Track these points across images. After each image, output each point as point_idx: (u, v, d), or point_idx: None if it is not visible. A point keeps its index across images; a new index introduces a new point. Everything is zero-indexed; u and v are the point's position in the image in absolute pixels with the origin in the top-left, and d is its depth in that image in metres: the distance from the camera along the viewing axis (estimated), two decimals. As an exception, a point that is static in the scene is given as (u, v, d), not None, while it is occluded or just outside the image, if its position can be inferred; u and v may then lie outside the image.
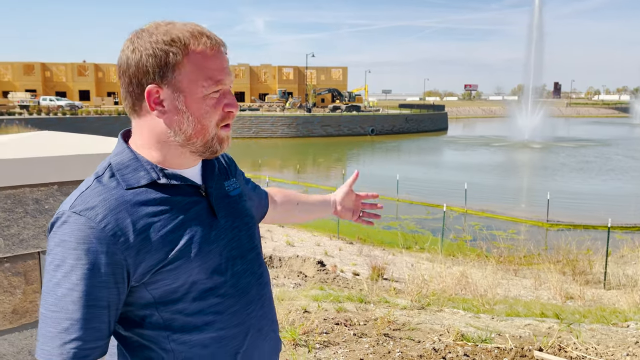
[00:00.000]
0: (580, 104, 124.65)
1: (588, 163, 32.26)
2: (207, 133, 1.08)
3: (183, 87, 1.05)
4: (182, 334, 1.08)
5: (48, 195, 1.61)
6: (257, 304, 1.20)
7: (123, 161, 1.09)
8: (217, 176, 1.21)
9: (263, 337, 1.21)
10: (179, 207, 1.08)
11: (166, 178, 1.09)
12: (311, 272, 8.41)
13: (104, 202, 1.02)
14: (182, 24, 1.09)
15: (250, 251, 1.21)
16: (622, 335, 4.60)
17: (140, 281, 1.04)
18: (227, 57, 1.11)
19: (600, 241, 12.52)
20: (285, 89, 71.55)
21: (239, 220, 1.20)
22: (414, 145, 44.81)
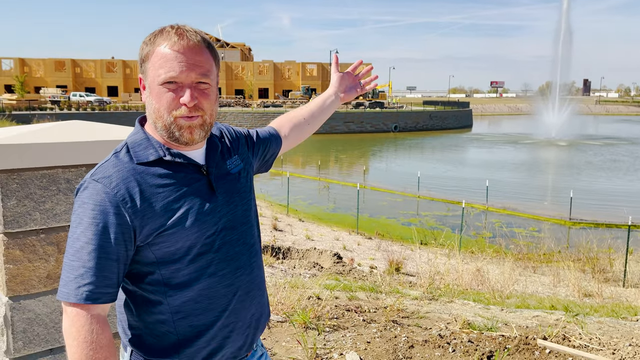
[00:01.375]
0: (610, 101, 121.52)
1: (615, 162, 31.59)
2: (163, 118, 1.27)
3: (149, 76, 1.29)
4: (178, 290, 1.29)
5: (78, 176, 1.83)
6: (246, 270, 1.40)
7: (136, 140, 1.32)
8: (219, 156, 1.41)
9: (250, 299, 1.41)
10: (181, 182, 1.30)
11: (171, 156, 1.30)
12: (327, 264, 8.59)
13: (118, 172, 1.25)
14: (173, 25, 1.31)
15: (244, 224, 1.41)
16: (629, 328, 4.66)
17: (144, 242, 1.25)
18: (199, 57, 1.27)
19: (622, 240, 12.37)
20: (308, 85, 71.72)
21: (236, 196, 1.40)
22: (437, 142, 44.52)
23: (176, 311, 1.30)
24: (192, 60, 1.26)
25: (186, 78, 1.26)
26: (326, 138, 48.05)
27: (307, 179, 24.21)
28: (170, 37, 1.26)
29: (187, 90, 1.26)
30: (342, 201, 20.11)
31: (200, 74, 1.27)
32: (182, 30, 1.28)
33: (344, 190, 22.80)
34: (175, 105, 1.26)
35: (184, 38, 1.26)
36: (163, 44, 1.26)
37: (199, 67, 1.27)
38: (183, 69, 1.25)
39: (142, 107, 51.51)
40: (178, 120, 1.28)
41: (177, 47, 1.25)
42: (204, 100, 1.29)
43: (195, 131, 1.30)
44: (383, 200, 20.36)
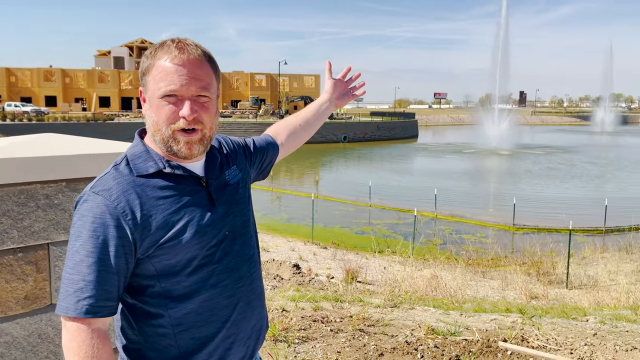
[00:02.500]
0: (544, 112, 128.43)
1: (552, 169, 33.34)
2: (161, 131, 1.27)
3: (149, 89, 1.29)
4: (179, 303, 1.28)
5: (57, 191, 1.75)
6: (247, 280, 1.40)
7: (136, 153, 1.31)
8: (218, 168, 1.41)
9: (251, 309, 1.41)
10: (181, 194, 1.29)
11: (171, 168, 1.30)
12: (287, 275, 8.56)
13: (118, 185, 1.24)
14: (174, 38, 1.32)
15: (243, 235, 1.41)
16: (581, 328, 4.92)
17: (145, 254, 1.24)
18: (197, 70, 1.27)
19: (563, 243, 13.05)
20: (257, 95, 71.52)
21: (235, 207, 1.40)
22: (386, 152, 45.43)
23: (177, 324, 1.28)
24: (193, 73, 1.26)
25: (186, 91, 1.25)
26: (276, 148, 47.91)
27: (259, 189, 24.04)
28: (170, 50, 1.26)
29: (186, 103, 1.25)
30: (295, 211, 20.11)
31: (200, 87, 1.27)
32: (182, 44, 1.28)
33: (297, 200, 22.82)
34: (175, 118, 1.26)
35: (184, 52, 1.26)
36: (163, 57, 1.26)
37: (199, 81, 1.27)
38: (183, 82, 1.25)
39: (84, 118, 49.62)
40: (176, 135, 1.27)
41: (177, 61, 1.25)
42: (204, 113, 1.29)
43: (194, 146, 1.29)
44: (336, 210, 20.52)
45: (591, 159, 39.95)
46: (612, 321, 5.23)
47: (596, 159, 40.03)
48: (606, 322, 5.13)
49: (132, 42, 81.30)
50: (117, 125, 48.88)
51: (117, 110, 68.40)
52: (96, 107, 67.28)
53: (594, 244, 14.73)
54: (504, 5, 59.16)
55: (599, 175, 31.30)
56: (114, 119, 52.15)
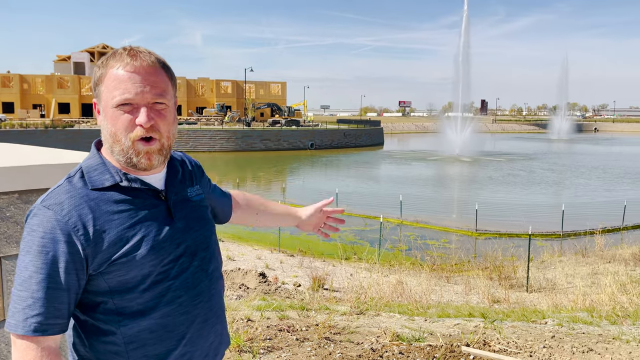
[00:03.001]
0: (505, 120, 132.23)
1: (513, 176, 34.30)
2: (121, 142, 1.24)
3: (103, 99, 1.26)
4: (132, 320, 1.24)
5: (9, 203, 1.69)
6: (206, 297, 1.36)
7: (92, 165, 1.27)
8: (179, 182, 1.39)
9: (209, 327, 1.37)
10: (138, 208, 1.26)
11: (128, 181, 1.26)
12: (253, 284, 8.48)
13: (70, 198, 1.20)
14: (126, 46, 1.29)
15: (204, 251, 1.38)
16: (540, 330, 5.06)
17: (97, 270, 1.20)
18: (154, 77, 1.25)
19: (523, 248, 13.42)
20: (223, 102, 70.95)
21: (195, 223, 1.37)
22: (352, 160, 45.77)
23: (130, 341, 1.24)
24: (147, 80, 1.23)
25: (142, 99, 1.22)
26: (243, 156, 47.68)
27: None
28: (122, 58, 1.24)
29: (142, 111, 1.22)
30: (261, 219, 19.99)
31: (156, 94, 1.24)
32: (135, 52, 1.25)
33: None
34: (132, 127, 1.23)
35: (137, 59, 1.24)
36: (116, 65, 1.24)
37: (154, 88, 1.24)
38: (138, 90, 1.22)
39: (42, 125, 48.09)
40: (136, 145, 1.24)
41: (130, 68, 1.22)
42: (161, 121, 1.26)
43: (154, 157, 1.26)
44: (302, 217, 20.50)
45: (549, 165, 41.31)
46: (569, 323, 5.41)
47: (554, 165, 41.41)
48: (564, 325, 5.30)
49: (93, 48, 79.45)
50: (78, 132, 47.55)
51: (78, 116, 66.58)
52: (55, 114, 65.31)
53: (552, 248, 15.20)
54: (465, 16, 60.78)
55: (557, 181, 32.39)
56: (74, 126, 50.71)
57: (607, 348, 4.44)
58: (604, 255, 13.41)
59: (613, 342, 4.65)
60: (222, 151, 49.63)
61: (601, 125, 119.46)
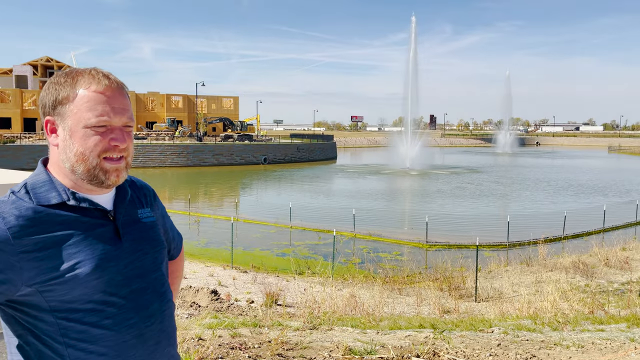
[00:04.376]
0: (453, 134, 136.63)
1: (461, 189, 35.40)
2: (87, 161, 1.25)
3: (70, 118, 1.26)
4: (79, 342, 1.22)
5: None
6: (158, 319, 1.35)
7: (38, 181, 1.27)
8: (128, 203, 1.39)
9: (161, 349, 1.36)
10: (84, 227, 1.25)
11: (76, 201, 1.26)
12: (205, 302, 8.32)
13: (15, 209, 1.19)
14: (89, 68, 1.31)
15: (154, 272, 1.38)
16: (487, 339, 5.24)
17: (31, 285, 1.17)
18: (124, 99, 1.30)
19: (472, 259, 13.85)
20: (174, 117, 69.69)
21: (145, 244, 1.37)
22: (306, 174, 45.93)
23: None
24: (122, 103, 1.28)
25: (118, 121, 1.27)
26: (195, 171, 46.89)
27: (176, 213, 23.26)
28: (97, 80, 1.26)
29: (119, 133, 1.27)
30: (214, 235, 19.67)
31: (129, 117, 1.30)
32: (105, 74, 1.29)
33: (216, 223, 22.36)
34: (104, 147, 1.25)
35: (112, 82, 1.28)
36: (88, 86, 1.25)
37: (127, 111, 1.29)
38: (116, 113, 1.26)
39: (-21, 140, 45.61)
40: (103, 164, 1.26)
41: (108, 91, 1.26)
42: (130, 142, 1.31)
43: (122, 173, 1.30)
44: (256, 232, 20.35)
45: (496, 178, 42.92)
46: (514, 331, 5.63)
47: (500, 178, 43.06)
48: (509, 332, 5.51)
49: (36, 60, 76.37)
50: (19, 148, 45.40)
51: (19, 131, 63.59)
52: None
53: (498, 258, 15.77)
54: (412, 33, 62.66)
55: (503, 193, 33.67)
56: (16, 142, 48.39)
57: (548, 354, 4.65)
58: (547, 264, 14.03)
59: (554, 347, 4.88)
60: (173, 166, 48.65)
61: (542, 139, 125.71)
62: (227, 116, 72.68)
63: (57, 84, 1.28)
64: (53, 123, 1.29)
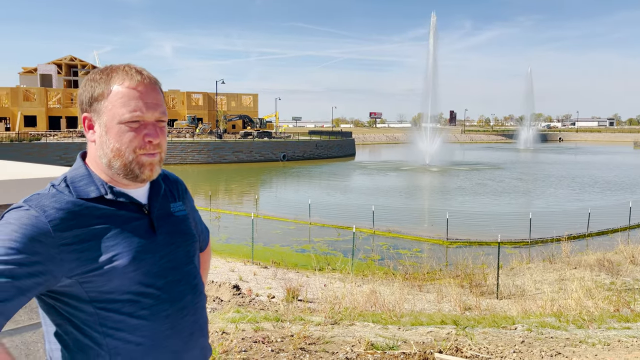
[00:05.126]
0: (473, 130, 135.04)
1: (482, 185, 35.01)
2: (123, 156, 1.28)
3: (105, 114, 1.28)
4: (117, 331, 1.25)
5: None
6: (191, 310, 1.38)
7: (77, 175, 1.30)
8: (162, 197, 1.42)
9: (194, 340, 1.38)
10: (120, 220, 1.28)
11: (113, 195, 1.29)
12: (227, 297, 8.41)
13: (55, 202, 1.21)
14: (123, 64, 1.34)
15: (187, 264, 1.40)
16: (510, 336, 5.19)
17: (73, 278, 1.20)
18: (157, 95, 1.32)
19: (493, 256, 13.69)
20: (194, 115, 70.36)
21: (178, 237, 1.40)
22: (324, 171, 45.95)
23: (116, 353, 1.25)
24: (154, 99, 1.31)
25: (151, 116, 1.29)
26: (215, 168, 47.30)
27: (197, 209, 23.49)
28: (130, 76, 1.29)
29: (152, 128, 1.29)
30: (235, 231, 19.83)
31: (161, 112, 1.32)
32: (139, 70, 1.32)
33: (237, 220, 22.53)
34: (139, 143, 1.28)
35: (144, 77, 1.30)
36: (122, 83, 1.28)
37: (160, 106, 1.32)
38: (149, 108, 1.28)
39: (7, 139, 46.70)
40: (140, 158, 1.29)
41: (140, 87, 1.28)
42: (163, 137, 1.33)
43: (155, 168, 1.32)
44: (276, 229, 20.45)
45: (518, 174, 42.34)
46: (538, 328, 5.56)
47: (522, 174, 42.46)
48: (533, 330, 5.45)
49: (60, 60, 77.83)
50: (45, 145, 46.34)
51: (45, 129, 64.90)
52: (21, 127, 63.55)
53: (520, 256, 15.55)
54: (432, 29, 62.07)
55: (525, 190, 33.19)
56: (41, 139, 49.42)
57: (574, 351, 4.59)
58: (571, 261, 13.80)
59: (580, 345, 4.81)
60: (194, 163, 49.14)
61: (565, 135, 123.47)
62: (246, 113, 73.11)
63: (92, 80, 1.31)
64: (90, 119, 1.32)
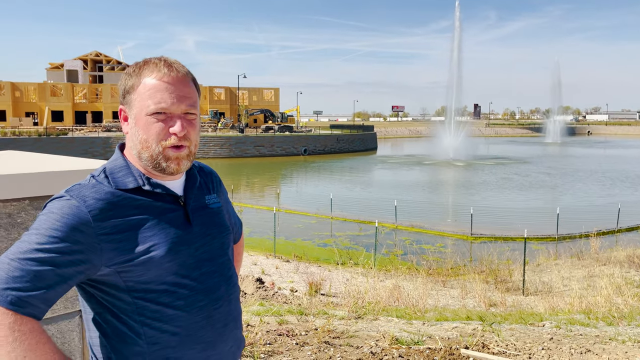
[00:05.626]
0: (498, 124, 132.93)
1: (507, 180, 34.49)
2: (150, 149, 1.29)
3: (135, 106, 1.30)
4: (154, 321, 1.27)
5: (20, 210, 1.71)
6: (225, 302, 1.38)
7: (116, 166, 1.32)
8: (197, 189, 1.42)
9: (228, 332, 1.39)
10: (157, 211, 1.30)
11: (150, 186, 1.31)
12: (250, 290, 8.48)
13: (95, 193, 1.23)
14: (158, 57, 1.35)
15: (221, 256, 1.41)
16: (538, 333, 5.10)
17: (112, 267, 1.22)
18: (185, 87, 1.32)
19: (519, 251, 13.49)
20: (216, 109, 70.93)
21: (213, 228, 1.41)
22: (346, 165, 45.87)
23: (153, 342, 1.27)
24: (182, 91, 1.30)
25: (177, 109, 1.29)
26: (237, 162, 47.66)
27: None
28: (159, 68, 1.29)
29: (177, 121, 1.29)
30: (257, 225, 19.98)
31: (189, 105, 1.31)
32: (169, 62, 1.32)
33: (259, 214, 22.68)
34: (165, 135, 1.28)
35: (172, 70, 1.30)
36: (151, 75, 1.29)
37: (187, 98, 1.31)
38: (174, 100, 1.28)
39: (35, 133, 47.90)
40: (166, 151, 1.29)
41: (167, 79, 1.29)
42: (192, 130, 1.32)
43: (183, 162, 1.32)
44: (298, 223, 20.53)
45: (545, 169, 41.56)
46: (567, 325, 5.45)
47: (550, 169, 41.66)
48: (561, 327, 5.35)
49: (86, 55, 79.28)
50: (71, 140, 47.36)
51: (71, 124, 66.30)
52: (48, 122, 65.02)
53: (547, 252, 15.30)
54: (456, 21, 61.22)
55: (552, 185, 32.57)
56: (68, 134, 50.50)
57: (604, 349, 4.49)
58: (600, 257, 13.51)
59: (610, 342, 4.70)
60: (216, 158, 49.62)
61: (594, 128, 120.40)
62: (267, 108, 73.37)
63: (127, 73, 1.33)
64: (125, 111, 1.34)
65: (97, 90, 72.47)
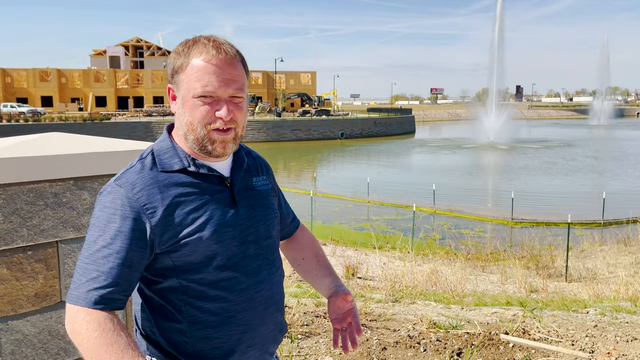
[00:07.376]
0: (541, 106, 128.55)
1: (550, 164, 33.42)
2: (196, 131, 1.28)
3: (183, 87, 1.29)
4: (196, 300, 1.28)
5: (65, 190, 1.77)
6: (267, 285, 1.37)
7: (162, 148, 1.33)
8: (244, 171, 1.41)
9: (269, 315, 1.38)
10: (204, 192, 1.30)
11: (196, 167, 1.31)
12: (287, 272, 8.57)
13: (141, 179, 1.25)
14: (208, 36, 1.32)
15: (266, 239, 1.39)
16: (581, 320, 4.95)
17: (163, 249, 1.25)
18: (233, 70, 1.28)
19: (562, 237, 13.09)
20: (254, 93, 71.45)
21: (259, 210, 1.39)
22: (383, 148, 45.48)
23: (194, 321, 1.28)
24: (229, 74, 1.27)
25: (223, 92, 1.27)
26: (275, 146, 48.00)
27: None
28: (207, 49, 1.27)
29: (224, 105, 1.27)
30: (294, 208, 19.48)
31: (236, 88, 1.29)
32: (218, 43, 1.28)
33: (296, 197, 22.82)
34: (210, 118, 1.27)
35: (221, 51, 1.27)
36: (199, 56, 1.26)
37: (235, 82, 1.28)
38: (221, 84, 1.26)
39: (80, 118, 49.56)
40: (212, 134, 1.28)
41: (215, 61, 1.26)
42: (238, 113, 1.30)
43: (229, 145, 1.31)
44: (335, 207, 20.56)
45: (591, 152, 40.02)
46: (612, 313, 5.27)
47: (596, 152, 40.09)
48: (606, 314, 5.18)
49: (127, 41, 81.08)
50: (114, 125, 48.79)
51: (114, 109, 68.27)
52: (92, 107, 67.19)
53: (592, 237, 14.79)
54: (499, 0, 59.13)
55: (599, 169, 31.36)
56: (111, 119, 52.04)
57: (652, 338, 4.32)
58: (648, 244, 12.97)
59: (659, 331, 4.52)
60: (254, 142, 50.12)
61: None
62: (304, 91, 73.32)
63: (176, 52, 1.31)
64: (173, 90, 1.33)
65: (138, 75, 74.17)
